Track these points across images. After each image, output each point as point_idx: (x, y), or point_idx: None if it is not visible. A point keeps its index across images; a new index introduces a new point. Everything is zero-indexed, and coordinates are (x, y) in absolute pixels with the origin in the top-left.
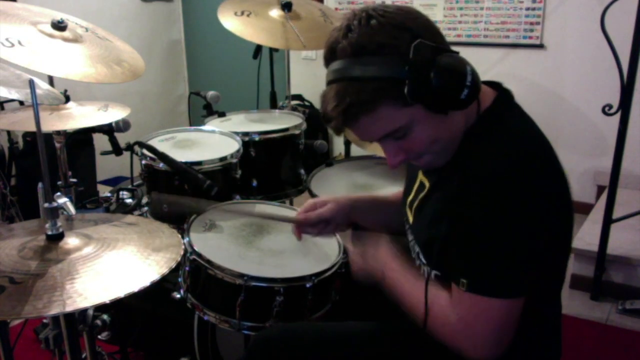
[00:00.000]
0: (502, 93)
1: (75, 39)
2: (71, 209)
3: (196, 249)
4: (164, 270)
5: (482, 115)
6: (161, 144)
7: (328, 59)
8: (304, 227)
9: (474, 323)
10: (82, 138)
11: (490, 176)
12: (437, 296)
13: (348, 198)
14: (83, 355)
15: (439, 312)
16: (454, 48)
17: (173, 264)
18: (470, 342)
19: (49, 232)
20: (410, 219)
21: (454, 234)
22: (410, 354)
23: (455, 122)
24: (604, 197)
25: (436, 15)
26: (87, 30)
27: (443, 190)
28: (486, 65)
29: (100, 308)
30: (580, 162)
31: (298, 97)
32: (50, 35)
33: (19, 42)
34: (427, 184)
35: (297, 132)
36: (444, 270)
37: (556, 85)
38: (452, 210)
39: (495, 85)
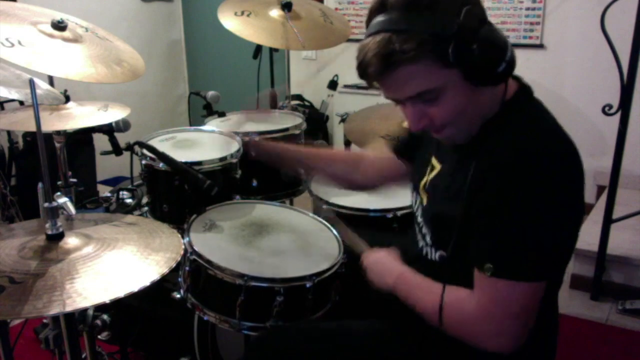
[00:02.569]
0: (524, 85)
1: (75, 39)
2: (71, 209)
3: (196, 249)
4: (164, 270)
5: (507, 102)
6: (161, 144)
7: (375, 11)
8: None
9: (495, 308)
10: (82, 138)
11: (518, 162)
12: (453, 289)
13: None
14: (83, 355)
15: (455, 303)
16: None
17: (173, 264)
18: (491, 330)
19: (49, 232)
20: (425, 201)
21: (478, 219)
22: (409, 352)
23: (483, 99)
24: (604, 197)
25: None
26: (87, 30)
27: (461, 172)
28: None
29: (100, 308)
30: None
31: (298, 97)
32: (50, 35)
33: (19, 42)
34: (437, 166)
35: (297, 132)
36: (452, 251)
37: (556, 85)
38: (474, 194)
39: (516, 78)
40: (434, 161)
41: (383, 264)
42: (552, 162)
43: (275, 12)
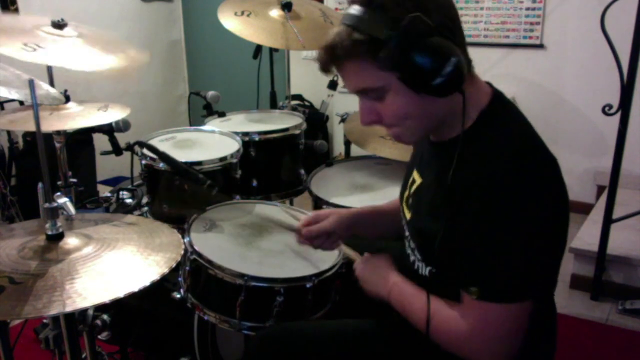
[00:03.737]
0: (497, 92)
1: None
2: (71, 209)
3: (196, 248)
4: (164, 270)
5: (483, 112)
6: (161, 144)
7: (349, 3)
8: (305, 239)
9: (486, 331)
10: (82, 138)
11: (497, 183)
12: (442, 307)
13: (349, 212)
14: (83, 355)
15: (447, 324)
16: None
17: (173, 264)
18: (484, 350)
19: (49, 232)
20: (408, 216)
21: (460, 241)
22: (407, 351)
23: (433, 106)
24: (604, 197)
25: None
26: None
27: (441, 187)
28: (486, 65)
29: (100, 308)
30: (580, 162)
31: (298, 97)
32: (50, 33)
33: (38, 45)
34: (417, 180)
35: (297, 132)
36: (440, 268)
37: (556, 85)
38: (455, 213)
39: (488, 83)
40: (415, 174)
41: (377, 272)
42: (532, 181)
43: (275, 12)
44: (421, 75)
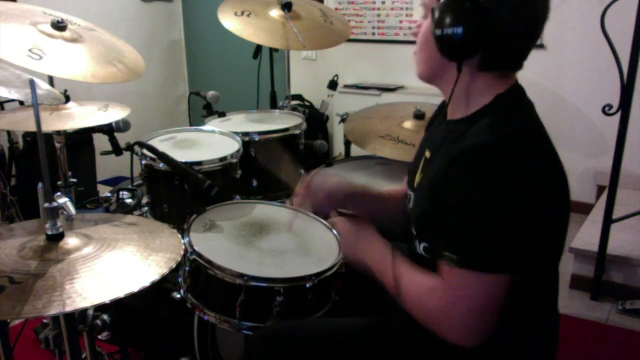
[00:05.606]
0: (519, 85)
1: (75, 39)
2: (71, 209)
3: (196, 249)
4: (164, 270)
5: (498, 97)
6: (161, 144)
7: None
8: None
9: (460, 300)
10: (82, 138)
11: (475, 150)
12: (424, 277)
13: (355, 185)
14: (83, 355)
15: (424, 292)
16: None
17: (173, 264)
18: (455, 321)
19: (49, 232)
20: (414, 195)
21: (443, 209)
22: (404, 349)
23: (434, 55)
24: (604, 197)
25: None
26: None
27: (439, 165)
28: None
29: (100, 308)
30: (580, 162)
31: (298, 97)
32: (51, 36)
33: (44, 53)
34: (428, 157)
35: (297, 132)
36: (431, 243)
37: (556, 85)
38: (438, 184)
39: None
40: (427, 153)
41: (362, 237)
42: (513, 150)
43: (275, 12)
44: (436, 18)
